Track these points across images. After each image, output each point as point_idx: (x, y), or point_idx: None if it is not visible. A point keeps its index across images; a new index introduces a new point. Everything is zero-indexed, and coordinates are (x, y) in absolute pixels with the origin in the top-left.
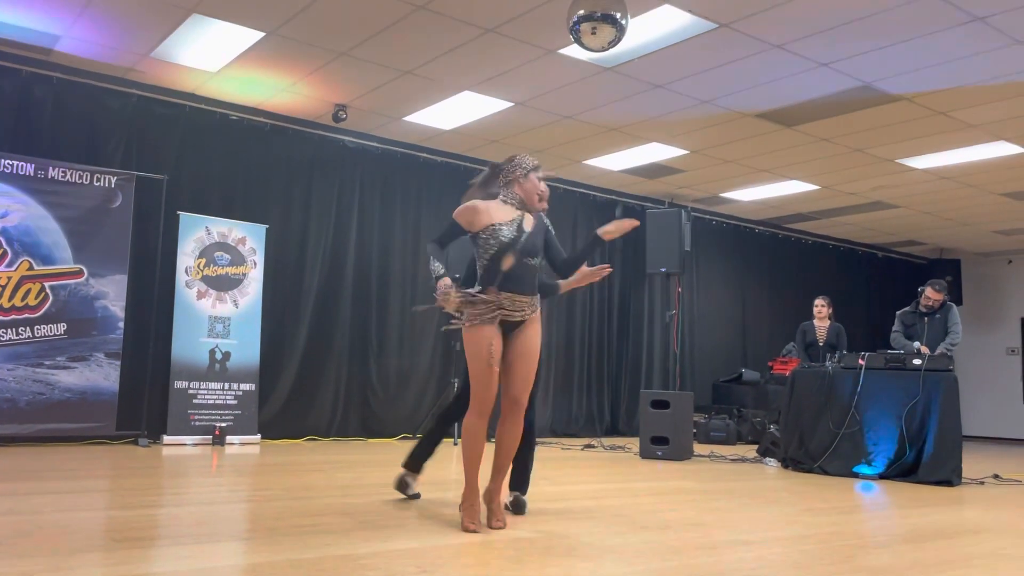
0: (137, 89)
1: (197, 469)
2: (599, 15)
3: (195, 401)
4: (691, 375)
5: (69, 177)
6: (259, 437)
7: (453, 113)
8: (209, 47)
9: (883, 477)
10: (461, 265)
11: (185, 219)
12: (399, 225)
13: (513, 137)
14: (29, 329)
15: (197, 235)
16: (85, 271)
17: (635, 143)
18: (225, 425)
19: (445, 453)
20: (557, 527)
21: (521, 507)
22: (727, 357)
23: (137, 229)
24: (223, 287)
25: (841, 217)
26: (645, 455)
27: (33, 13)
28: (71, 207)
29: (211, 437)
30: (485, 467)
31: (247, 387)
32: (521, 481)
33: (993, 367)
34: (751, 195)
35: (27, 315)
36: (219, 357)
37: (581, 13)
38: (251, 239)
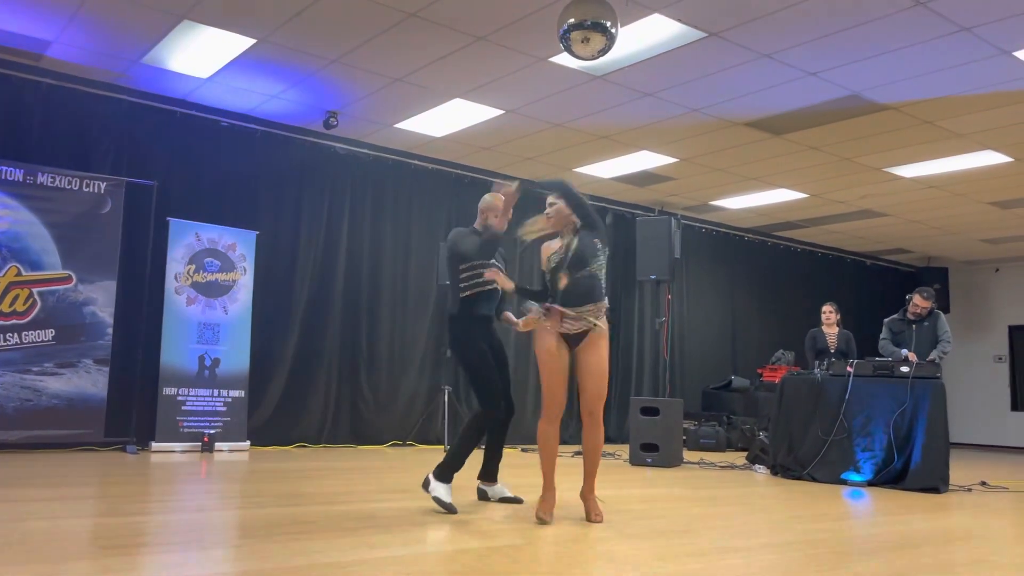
0: (127, 95)
1: (186, 476)
2: (589, 24)
3: (184, 408)
4: (681, 382)
5: (58, 183)
6: (248, 444)
7: (444, 120)
8: (200, 53)
9: (871, 484)
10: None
11: (175, 225)
12: (390, 232)
13: (504, 145)
14: (17, 335)
15: (187, 241)
16: (74, 277)
17: (625, 151)
18: (214, 432)
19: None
20: (546, 534)
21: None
22: (717, 364)
23: (126, 235)
24: (213, 293)
25: (830, 225)
26: (635, 462)
27: (23, 19)
28: (60, 213)
29: (200, 444)
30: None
31: (236, 394)
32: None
33: (981, 375)
34: (740, 203)
35: (15, 321)
36: (208, 363)
37: (572, 21)
38: (241, 245)
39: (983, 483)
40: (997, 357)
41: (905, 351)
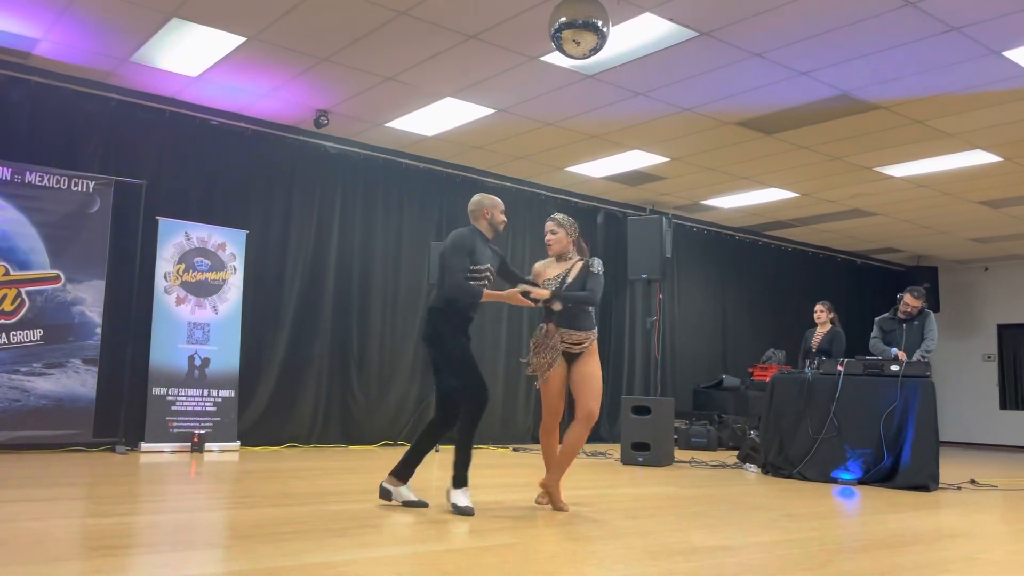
0: (116, 93)
1: (175, 476)
2: (581, 23)
3: (174, 408)
4: (672, 381)
5: (47, 182)
6: (238, 444)
7: (435, 119)
8: (190, 51)
9: (861, 482)
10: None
11: (164, 224)
12: (381, 231)
13: (495, 144)
14: (5, 335)
15: (176, 240)
16: (62, 276)
17: (616, 150)
18: (204, 432)
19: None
20: (538, 533)
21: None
22: (708, 363)
23: (115, 234)
24: (202, 293)
25: (820, 224)
26: (626, 461)
27: (11, 16)
28: (48, 212)
29: (190, 444)
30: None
31: (226, 394)
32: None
33: (970, 373)
34: (731, 202)
35: (3, 321)
36: (198, 363)
37: (563, 20)
38: (231, 245)
39: (972, 481)
40: (986, 356)
41: (895, 350)
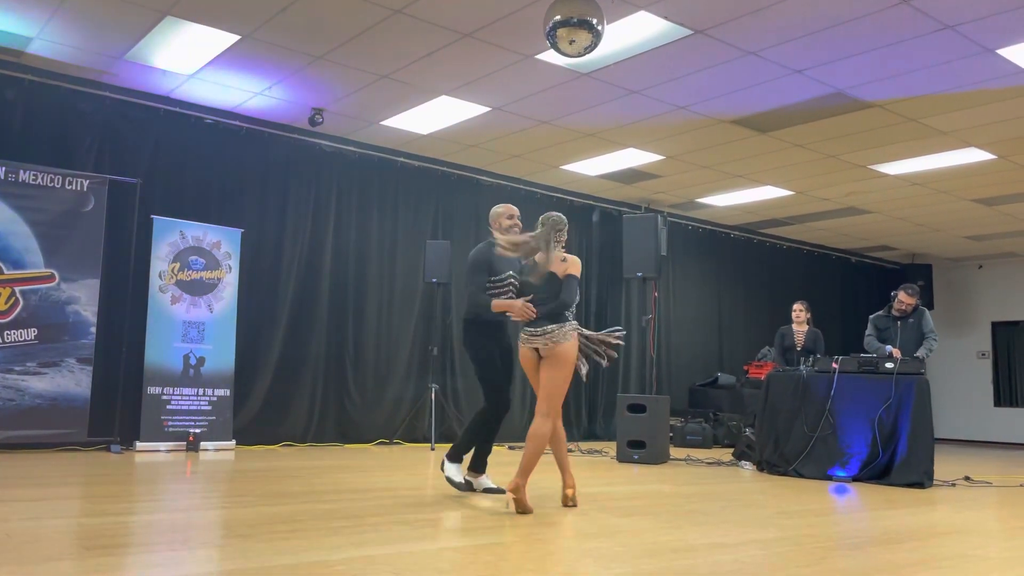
0: (110, 92)
1: (170, 476)
2: (576, 21)
3: (169, 407)
4: (667, 379)
5: (41, 180)
6: (234, 443)
7: (430, 117)
8: (184, 50)
9: (856, 480)
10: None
11: (159, 223)
12: (376, 230)
13: (490, 142)
14: None
15: (171, 239)
16: (57, 275)
17: (611, 148)
18: (199, 431)
19: (436, 456)
20: (534, 530)
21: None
22: (703, 361)
23: (110, 233)
24: (197, 292)
25: (815, 222)
26: (622, 459)
27: (4, 14)
28: (43, 211)
29: (185, 443)
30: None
31: (222, 392)
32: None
33: (964, 370)
34: (726, 200)
35: None
36: (193, 362)
37: (558, 19)
38: (226, 243)
39: (967, 478)
40: (980, 353)
41: (890, 347)
